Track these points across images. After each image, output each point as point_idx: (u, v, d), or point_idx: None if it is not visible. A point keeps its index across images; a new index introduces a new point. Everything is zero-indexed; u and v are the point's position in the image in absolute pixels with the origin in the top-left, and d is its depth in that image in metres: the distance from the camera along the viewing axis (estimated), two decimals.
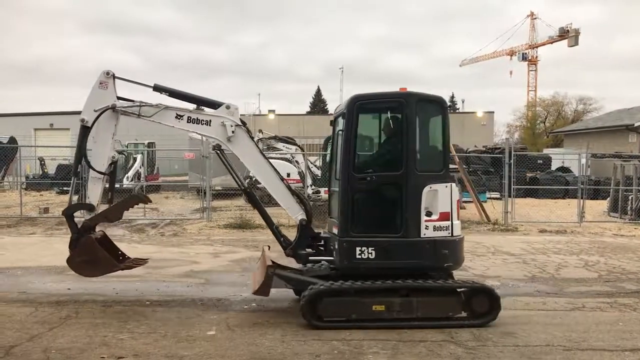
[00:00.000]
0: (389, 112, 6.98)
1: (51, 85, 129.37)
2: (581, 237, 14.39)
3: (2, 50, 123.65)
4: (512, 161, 16.55)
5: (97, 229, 7.47)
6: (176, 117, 7.15)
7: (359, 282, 6.54)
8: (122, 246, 12.54)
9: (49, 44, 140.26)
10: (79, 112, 7.24)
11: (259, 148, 7.35)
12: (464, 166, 20.54)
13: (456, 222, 6.80)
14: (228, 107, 7.17)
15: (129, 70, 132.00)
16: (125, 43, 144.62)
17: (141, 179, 24.44)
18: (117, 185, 24.89)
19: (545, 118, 69.22)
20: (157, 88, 7.25)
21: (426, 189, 6.64)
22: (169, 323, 6.68)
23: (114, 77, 7.16)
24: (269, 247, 7.78)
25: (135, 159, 25.13)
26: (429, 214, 6.67)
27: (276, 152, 23.02)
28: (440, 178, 6.76)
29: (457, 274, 9.67)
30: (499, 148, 26.85)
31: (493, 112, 59.60)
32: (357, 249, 6.58)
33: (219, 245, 12.61)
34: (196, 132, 7.25)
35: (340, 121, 7.12)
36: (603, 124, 40.20)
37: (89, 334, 6.23)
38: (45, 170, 29.74)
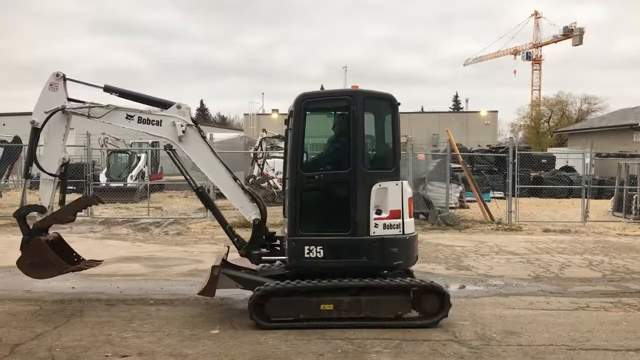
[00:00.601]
0: (336, 110, 7.02)
1: None
2: (585, 237, 14.36)
3: (9, 51, 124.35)
4: (516, 160, 16.52)
5: (51, 230, 7.43)
6: (126, 118, 7.13)
7: (306, 281, 6.48)
8: (126, 245, 12.67)
9: (55, 45, 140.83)
10: None
11: (210, 147, 7.27)
12: (468, 166, 20.51)
13: (408, 220, 6.73)
14: (179, 106, 7.12)
15: (135, 70, 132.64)
16: (130, 44, 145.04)
17: (145, 178, 24.47)
18: (121, 185, 24.86)
19: (550, 117, 69.03)
20: (107, 89, 7.23)
21: (375, 187, 6.60)
22: (173, 322, 6.70)
23: (64, 78, 7.14)
24: (228, 247, 7.73)
25: (139, 158, 25.17)
26: (379, 212, 6.62)
27: (280, 151, 23.02)
28: (390, 176, 6.71)
29: (459, 274, 9.71)
30: (503, 147, 26.83)
31: (497, 112, 59.70)
32: (306, 248, 6.54)
33: (222, 244, 12.61)
34: (147, 133, 7.22)
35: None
36: (607, 123, 40.13)
37: (93, 332, 6.25)
38: None
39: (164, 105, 7.22)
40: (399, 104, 6.89)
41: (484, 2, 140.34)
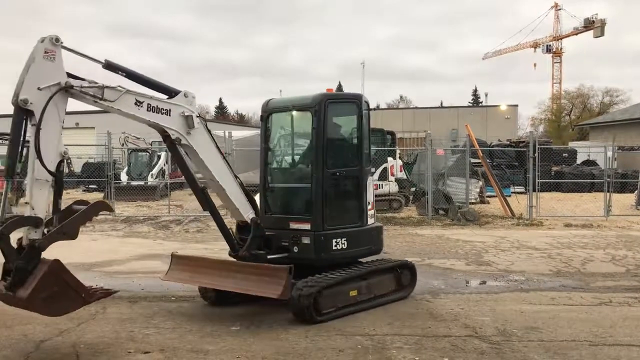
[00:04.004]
0: (348, 112, 7.52)
1: None
2: (608, 231, 14.17)
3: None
4: (536, 155, 16.36)
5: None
6: (135, 104, 5.93)
7: (344, 270, 6.97)
8: (148, 242, 12.80)
9: (75, 48, 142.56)
10: (103, 112, 6.79)
11: (215, 142, 6.71)
12: (488, 160, 20.34)
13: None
14: (186, 95, 6.32)
15: (154, 72, 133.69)
16: (147, 46, 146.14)
17: (165, 176, 24.68)
18: (142, 183, 25.03)
19: (571, 111, 68.19)
20: (110, 66, 5.93)
21: (369, 182, 7.48)
22: (194, 318, 6.76)
23: (62, 46, 5.48)
24: (177, 252, 7.71)
25: (159, 157, 25.40)
26: (367, 204, 7.46)
27: None
28: (370, 172, 7.70)
29: (479, 269, 9.66)
30: (523, 142, 26.54)
31: (517, 106, 58.92)
32: (334, 241, 7.01)
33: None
34: (157, 123, 6.16)
35: (277, 117, 7.62)
36: (630, 116, 39.44)
37: (116, 329, 6.34)
38: (72, 169, 30.12)
39: (169, 92, 6.29)
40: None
41: (494, 1, 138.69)
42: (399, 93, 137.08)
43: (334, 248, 7.00)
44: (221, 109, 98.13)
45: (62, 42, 5.44)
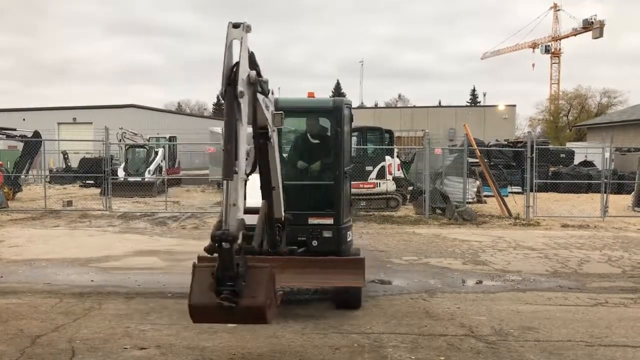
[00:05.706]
0: (348, 116, 7.83)
1: (76, 84, 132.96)
2: (604, 232, 14.18)
3: (30, 51, 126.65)
4: (534, 155, 16.36)
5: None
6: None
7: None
8: (144, 239, 12.79)
9: (73, 45, 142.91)
10: (101, 107, 6.76)
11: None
12: (485, 160, 20.36)
13: None
14: (272, 93, 5.86)
15: (152, 69, 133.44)
16: (145, 43, 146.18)
17: (162, 172, 24.64)
18: (139, 179, 24.89)
19: (568, 111, 68.23)
20: (253, 61, 5.30)
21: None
22: None
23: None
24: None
25: (156, 153, 25.36)
26: None
27: None
28: None
29: (475, 269, 9.67)
30: (521, 142, 26.55)
31: (515, 106, 58.92)
32: (348, 233, 7.59)
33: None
34: (266, 118, 5.72)
35: (287, 118, 7.29)
36: (628, 117, 39.50)
37: (112, 325, 6.33)
38: (69, 164, 30.15)
39: (263, 89, 5.64)
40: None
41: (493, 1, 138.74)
42: (398, 92, 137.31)
43: (348, 240, 7.57)
44: (219, 105, 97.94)
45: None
